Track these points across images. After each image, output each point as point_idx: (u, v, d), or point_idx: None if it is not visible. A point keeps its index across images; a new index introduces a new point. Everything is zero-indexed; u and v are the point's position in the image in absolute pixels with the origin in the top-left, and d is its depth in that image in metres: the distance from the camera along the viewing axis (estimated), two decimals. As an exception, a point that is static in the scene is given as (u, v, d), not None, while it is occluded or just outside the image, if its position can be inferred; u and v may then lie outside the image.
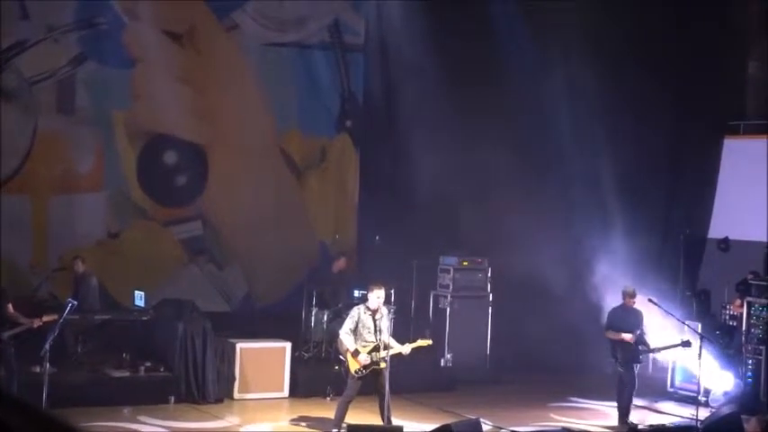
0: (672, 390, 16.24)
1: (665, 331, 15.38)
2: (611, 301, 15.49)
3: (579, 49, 17.54)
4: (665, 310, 15.07)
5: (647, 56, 18.17)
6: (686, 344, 14.52)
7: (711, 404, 15.17)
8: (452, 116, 17.34)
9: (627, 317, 14.40)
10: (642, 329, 14.44)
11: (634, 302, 14.52)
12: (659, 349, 14.79)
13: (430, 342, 13.23)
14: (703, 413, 13.93)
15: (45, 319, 13.31)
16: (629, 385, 14.39)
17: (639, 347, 14.36)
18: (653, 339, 14.74)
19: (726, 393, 15.41)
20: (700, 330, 14.90)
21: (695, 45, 18.24)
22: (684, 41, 18.32)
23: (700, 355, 13.99)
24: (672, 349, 14.80)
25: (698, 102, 18.49)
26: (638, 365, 14.50)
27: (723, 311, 16.78)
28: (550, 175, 17.70)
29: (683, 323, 15.18)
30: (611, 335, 14.40)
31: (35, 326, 13.27)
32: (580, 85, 17.70)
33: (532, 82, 17.75)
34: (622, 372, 14.37)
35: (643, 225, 17.83)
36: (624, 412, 14.50)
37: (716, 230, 18.33)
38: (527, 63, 17.71)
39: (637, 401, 15.95)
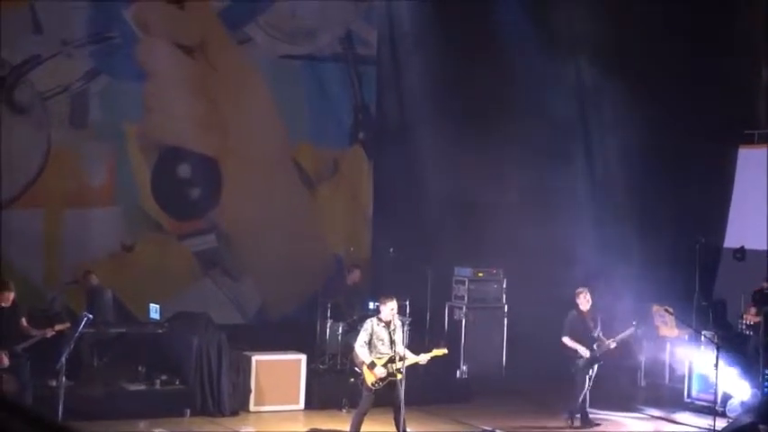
0: (689, 400, 16.14)
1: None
2: (625, 311, 15.46)
3: (591, 58, 17.54)
4: (682, 320, 15.02)
5: (659, 63, 18.12)
6: (638, 325, 14.74)
7: (729, 414, 15.07)
8: (466, 126, 17.34)
9: (584, 321, 14.52)
10: (599, 331, 14.57)
11: (588, 303, 14.54)
12: (616, 341, 14.70)
13: (446, 351, 13.19)
14: (720, 423, 13.87)
15: (57, 327, 13.35)
16: (580, 387, 14.50)
17: (596, 347, 14.42)
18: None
19: (743, 403, 15.32)
20: (716, 340, 14.84)
21: (709, 53, 18.18)
22: (698, 49, 18.26)
23: (716, 364, 13.93)
24: (628, 335, 14.77)
25: (712, 110, 18.42)
26: (596, 368, 14.58)
27: (739, 321, 16.70)
28: (564, 186, 17.66)
29: (700, 333, 15.11)
30: (569, 342, 14.46)
31: (48, 335, 13.30)
32: (593, 95, 17.69)
33: (545, 91, 17.74)
34: (579, 375, 14.44)
35: (657, 235, 17.77)
36: (585, 415, 14.63)
37: (731, 240, 18.25)
38: (540, 73, 17.71)
39: (653, 412, 15.93)
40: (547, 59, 17.89)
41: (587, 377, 14.44)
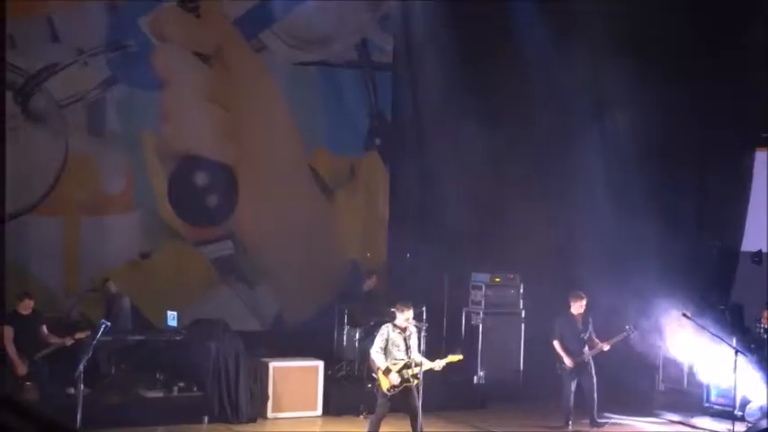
0: (707, 404, 16.10)
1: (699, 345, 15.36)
2: (642, 315, 15.43)
3: (608, 60, 17.48)
4: (699, 324, 14.97)
5: (676, 66, 18.06)
6: (631, 330, 14.73)
7: (747, 419, 15.03)
8: (482, 131, 17.34)
9: (576, 325, 14.65)
10: (591, 333, 14.67)
11: (583, 308, 14.60)
12: (610, 343, 14.66)
13: (461, 357, 13.17)
14: (739, 428, 13.82)
15: (77, 336, 13.43)
16: (568, 389, 14.68)
17: (586, 350, 14.55)
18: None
19: (762, 408, 15.27)
20: (734, 344, 14.80)
21: (726, 55, 18.11)
22: (714, 51, 18.19)
23: (735, 369, 13.89)
24: (620, 340, 14.73)
25: (729, 113, 18.35)
26: (593, 370, 14.65)
27: (757, 325, 16.63)
28: (580, 191, 17.62)
29: (718, 337, 15.06)
30: (558, 347, 14.66)
31: (67, 344, 13.38)
32: (609, 98, 17.65)
33: (562, 98, 17.71)
34: (566, 379, 14.62)
35: (674, 239, 17.70)
36: (593, 418, 14.74)
37: (749, 243, 18.17)
38: (557, 79, 17.67)
39: (671, 416, 15.88)
40: (564, 60, 17.83)
41: (574, 381, 14.65)
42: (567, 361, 14.57)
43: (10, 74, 16.47)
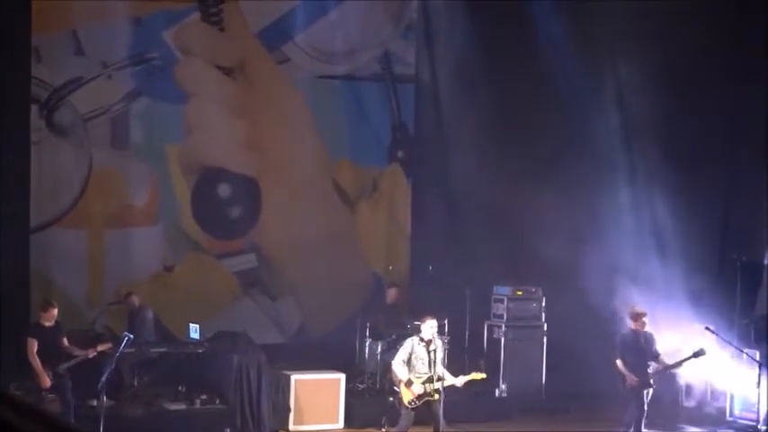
0: (731, 419, 16.01)
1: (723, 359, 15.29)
2: (666, 329, 15.34)
3: (632, 68, 17.45)
4: (723, 338, 14.90)
5: (700, 73, 17.98)
6: (699, 353, 14.13)
7: (772, 433, 14.95)
8: (505, 144, 17.33)
9: (638, 342, 14.11)
10: (655, 351, 14.12)
11: (644, 325, 14.21)
12: (672, 366, 14.39)
13: (484, 376, 13.16)
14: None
15: (100, 348, 13.44)
16: (637, 411, 14.01)
17: (651, 371, 14.01)
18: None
19: (786, 422, 15.18)
20: (758, 358, 14.72)
21: (750, 60, 18.01)
22: (738, 56, 18.10)
23: (759, 383, 13.82)
24: (686, 362, 14.37)
25: (754, 123, 18.25)
26: (651, 391, 14.11)
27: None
28: (603, 204, 17.58)
29: (742, 351, 15.00)
30: (621, 366, 14.02)
31: (90, 356, 13.41)
32: (633, 108, 17.61)
33: (587, 108, 17.68)
34: (636, 400, 14.00)
35: (698, 251, 17.64)
36: None
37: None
38: (581, 89, 17.63)
39: (695, 430, 15.80)
40: (589, 72, 17.78)
41: (644, 402, 14.02)
42: (630, 378, 13.88)
43: (35, 87, 16.57)
